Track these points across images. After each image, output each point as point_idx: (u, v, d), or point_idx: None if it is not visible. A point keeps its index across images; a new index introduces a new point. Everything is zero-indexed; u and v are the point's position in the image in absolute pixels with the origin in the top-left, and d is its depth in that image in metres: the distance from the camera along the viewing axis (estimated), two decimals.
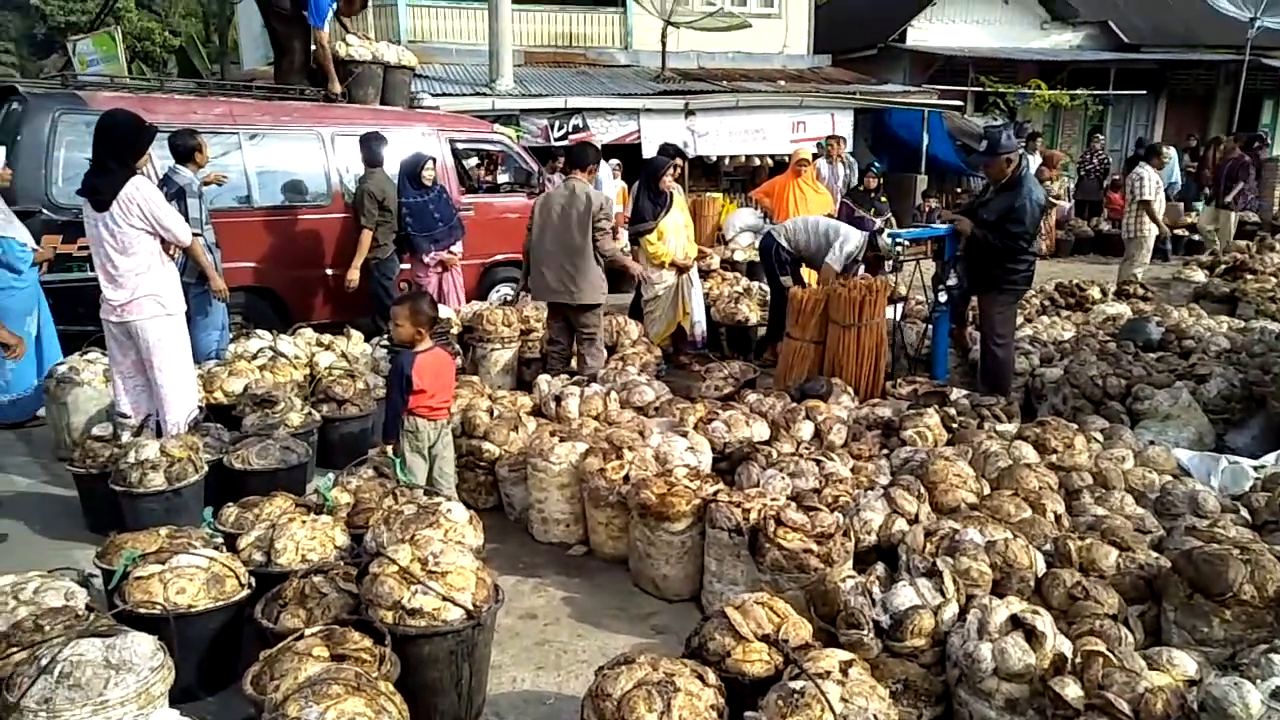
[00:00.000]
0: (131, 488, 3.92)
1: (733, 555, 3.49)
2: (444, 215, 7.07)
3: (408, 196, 6.89)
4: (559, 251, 5.61)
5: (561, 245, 5.60)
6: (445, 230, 7.08)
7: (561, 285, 5.65)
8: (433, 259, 7.09)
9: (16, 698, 2.19)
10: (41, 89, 6.54)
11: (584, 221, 5.50)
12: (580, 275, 5.58)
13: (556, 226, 5.62)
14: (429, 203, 6.96)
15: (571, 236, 5.55)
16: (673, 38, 14.69)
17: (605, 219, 5.57)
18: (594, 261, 5.58)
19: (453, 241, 7.18)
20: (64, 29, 31.76)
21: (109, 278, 4.42)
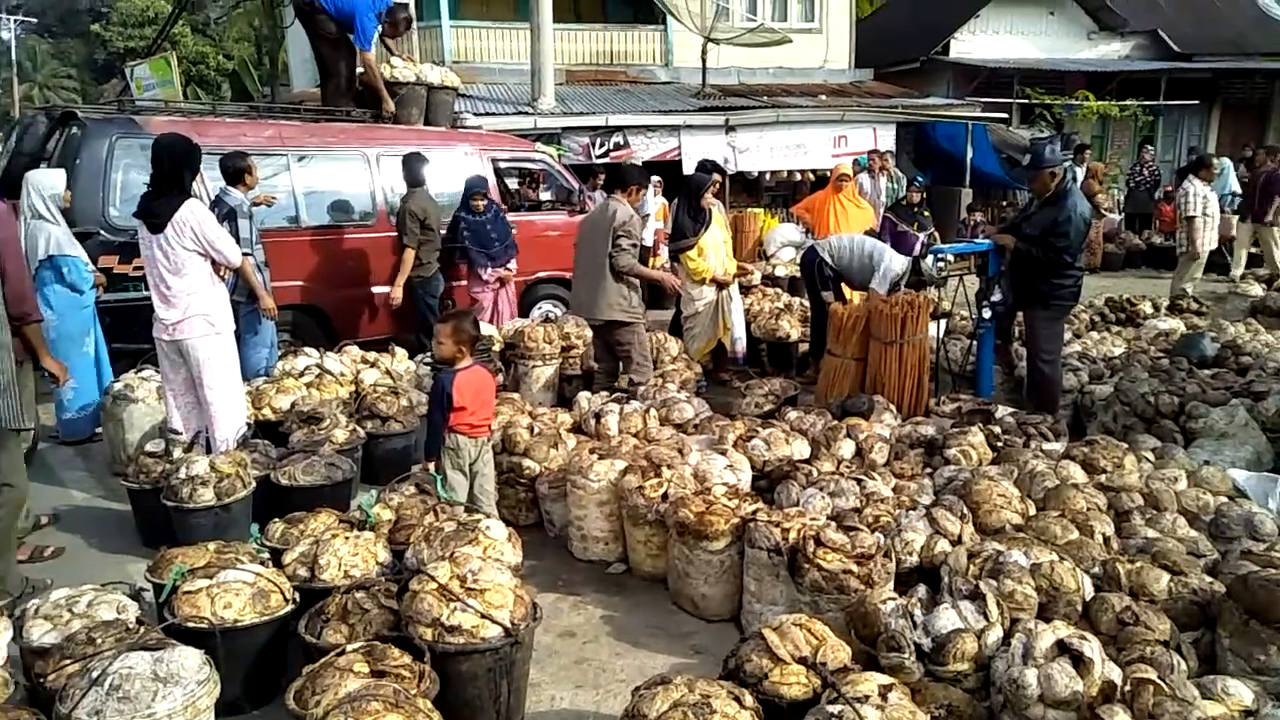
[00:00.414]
0: (182, 503, 4.02)
1: (772, 575, 3.47)
2: (500, 234, 7.26)
3: (465, 214, 7.07)
4: (588, 269, 5.68)
5: (590, 263, 5.67)
6: (502, 249, 7.26)
7: (588, 302, 5.71)
8: (491, 276, 7.27)
9: (69, 709, 2.25)
10: (100, 114, 6.76)
11: (605, 238, 5.52)
12: (601, 292, 5.58)
13: (587, 244, 5.71)
14: (486, 222, 7.15)
15: (596, 254, 5.60)
16: (713, 54, 14.75)
17: (624, 235, 5.51)
18: (615, 278, 5.55)
19: (509, 259, 7.36)
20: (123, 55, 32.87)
21: (162, 297, 4.55)
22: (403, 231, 6.80)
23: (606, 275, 5.53)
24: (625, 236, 5.51)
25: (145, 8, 37.89)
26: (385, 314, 7.39)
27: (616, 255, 5.49)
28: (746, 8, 16.57)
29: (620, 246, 5.50)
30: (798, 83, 16.42)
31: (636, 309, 5.73)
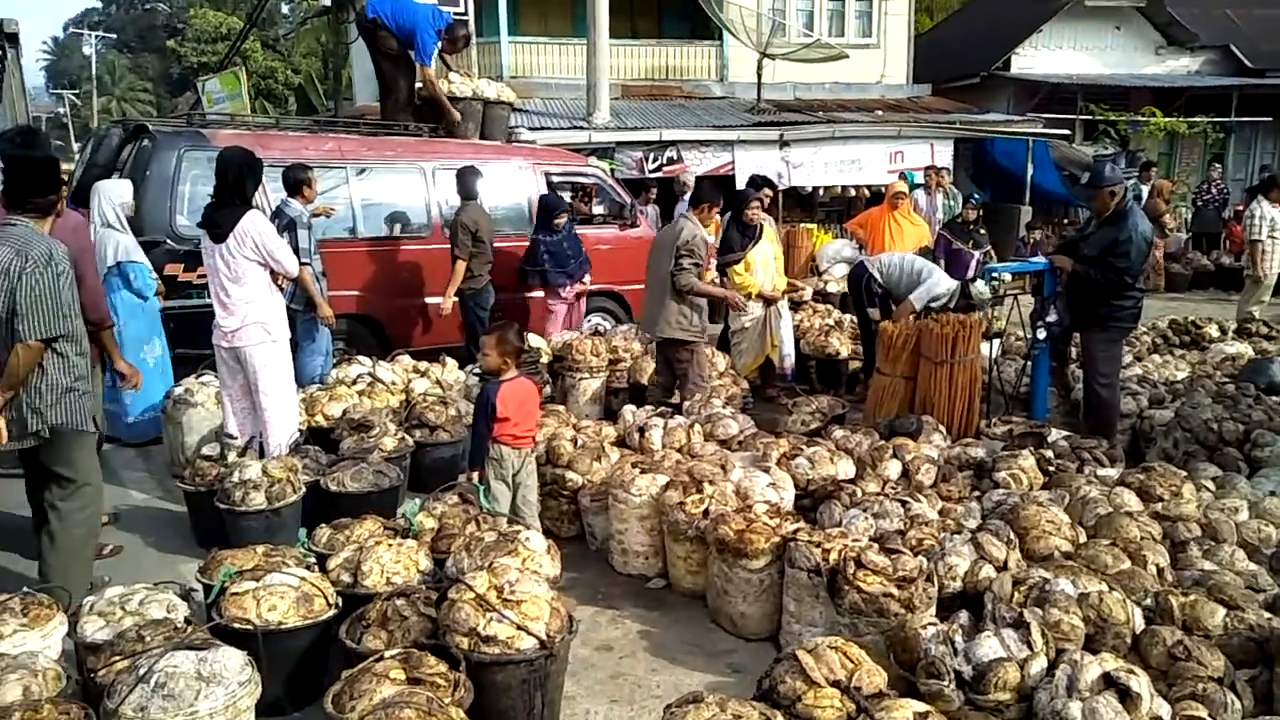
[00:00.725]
0: (235, 506, 4.12)
1: (811, 596, 3.43)
2: (574, 250, 7.40)
3: (543, 235, 7.21)
4: (653, 286, 5.75)
5: (655, 280, 5.73)
6: (577, 265, 7.39)
7: (651, 319, 5.76)
8: (570, 294, 7.42)
9: (116, 704, 2.32)
10: (169, 127, 7.00)
11: (670, 256, 5.55)
12: (663, 310, 5.61)
13: (654, 262, 5.79)
14: (562, 240, 7.28)
15: (661, 271, 5.63)
16: (769, 69, 14.73)
17: (687, 254, 5.51)
18: (676, 297, 5.56)
19: (584, 274, 7.49)
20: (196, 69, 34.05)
21: (222, 305, 4.69)
22: (454, 243, 6.92)
23: (669, 293, 5.56)
24: (688, 255, 5.50)
25: (218, 24, 39.28)
26: (438, 324, 7.51)
27: (677, 274, 5.51)
28: (803, 23, 16.53)
29: (681, 265, 5.50)
30: (854, 98, 16.31)
31: (697, 328, 5.71)
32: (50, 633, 2.80)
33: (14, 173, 3.50)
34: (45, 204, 3.51)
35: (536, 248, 7.27)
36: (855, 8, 17.12)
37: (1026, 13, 18.74)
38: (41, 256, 3.28)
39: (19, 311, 3.23)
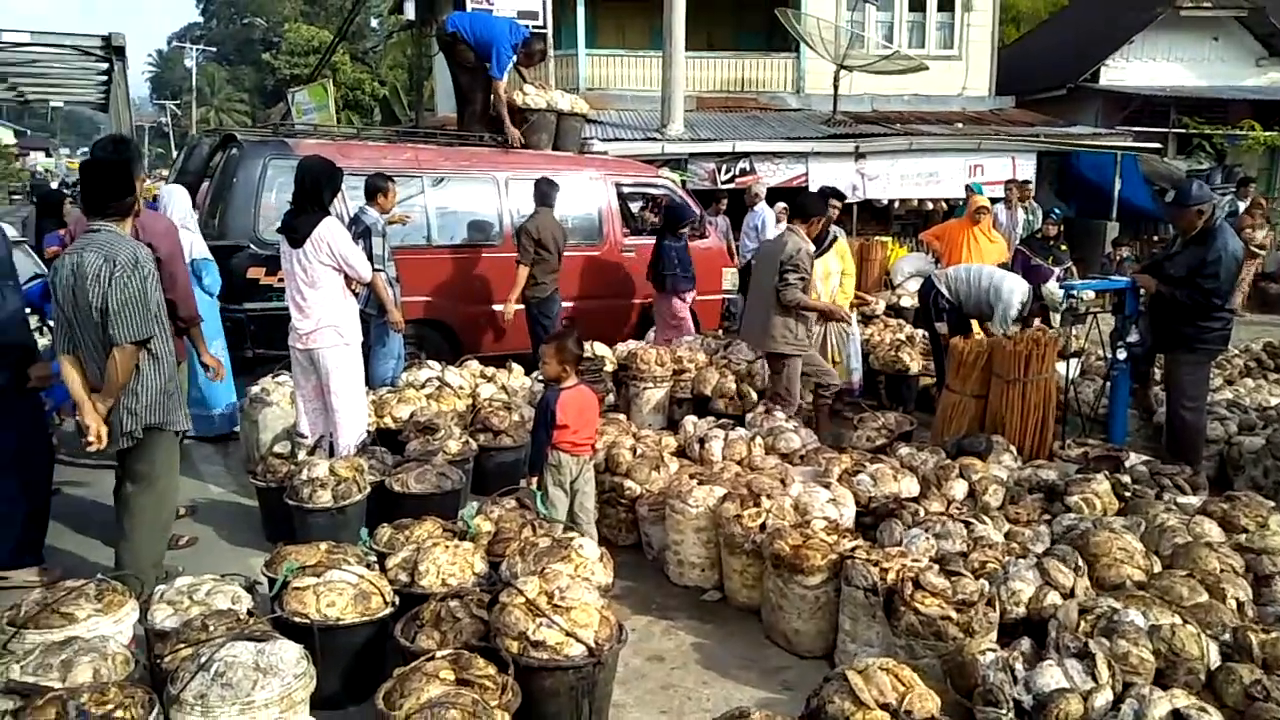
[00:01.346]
0: (302, 503, 4.25)
1: (868, 615, 3.36)
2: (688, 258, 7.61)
3: (670, 241, 7.46)
4: (758, 299, 5.80)
5: (760, 293, 5.77)
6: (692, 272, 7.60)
7: (755, 332, 5.81)
8: (690, 298, 7.55)
9: (178, 691, 2.41)
10: (256, 137, 7.28)
11: (775, 270, 5.54)
12: (767, 323, 5.62)
13: (759, 275, 5.85)
14: (685, 247, 7.50)
15: (765, 285, 5.66)
16: (845, 81, 14.57)
17: (792, 269, 5.50)
18: (781, 311, 5.55)
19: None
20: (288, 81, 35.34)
21: (298, 308, 4.85)
22: (518, 249, 7.01)
23: (774, 307, 5.56)
24: (793, 270, 5.49)
25: (310, 38, 40.72)
26: (506, 330, 7.62)
27: (783, 289, 5.50)
28: (882, 35, 16.31)
29: (787, 280, 5.49)
30: (933, 110, 16.01)
31: (801, 342, 5.70)
32: (122, 618, 2.93)
33: (88, 179, 3.64)
34: (122, 206, 3.61)
35: (667, 253, 7.42)
36: (937, 19, 16.82)
37: (1118, 23, 18.14)
38: (129, 260, 3.43)
39: (111, 316, 3.37)
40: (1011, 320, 6.07)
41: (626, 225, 8.50)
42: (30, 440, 4.06)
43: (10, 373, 3.88)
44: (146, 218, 4.19)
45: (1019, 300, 6.10)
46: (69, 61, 15.82)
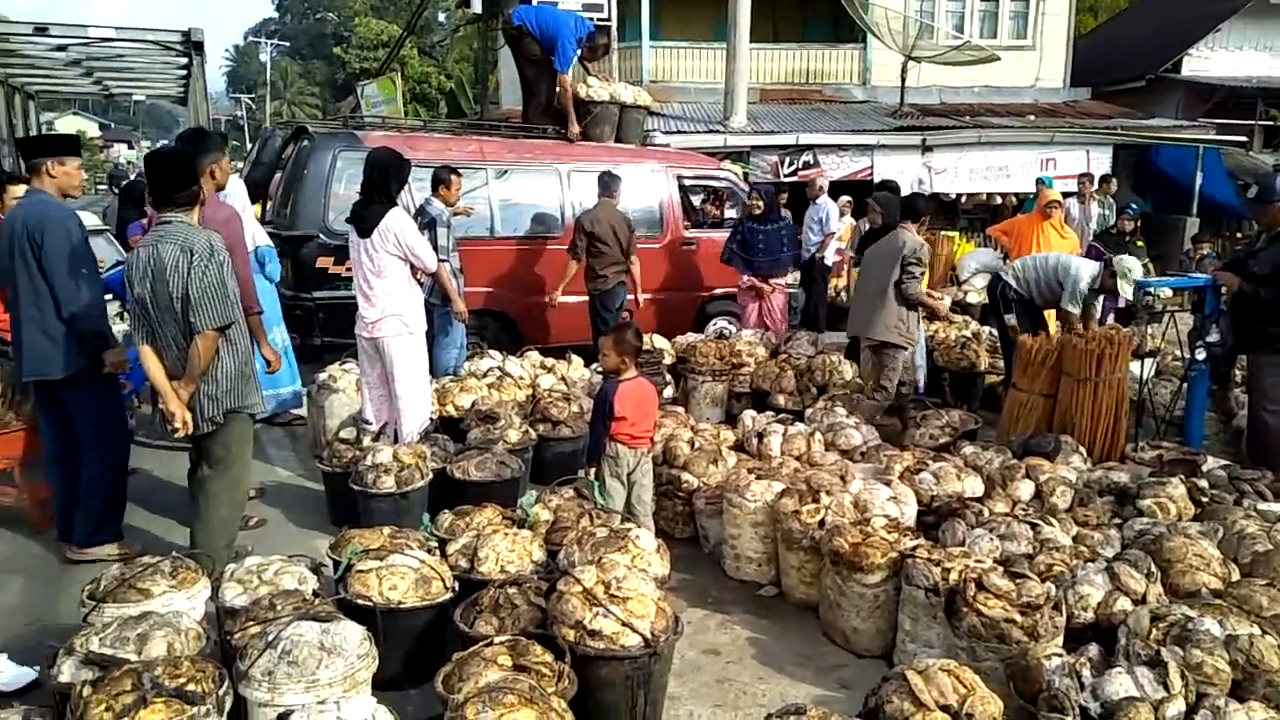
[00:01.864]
0: (366, 488, 4.33)
1: (928, 616, 3.30)
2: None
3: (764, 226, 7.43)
4: (870, 291, 5.81)
5: (873, 286, 5.79)
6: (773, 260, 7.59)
7: (866, 322, 5.82)
8: (777, 284, 7.55)
9: (246, 667, 2.48)
10: (326, 129, 7.44)
11: (893, 264, 5.60)
12: (882, 314, 5.67)
13: (871, 269, 5.88)
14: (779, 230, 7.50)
15: (881, 278, 5.70)
16: (914, 72, 14.31)
17: (915, 264, 5.61)
18: (898, 303, 5.64)
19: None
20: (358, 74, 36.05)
21: (364, 297, 4.95)
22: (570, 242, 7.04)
23: (890, 299, 5.64)
24: (916, 264, 5.61)
25: (379, 32, 41.49)
26: (566, 322, 7.68)
27: (907, 283, 5.59)
28: (953, 25, 15.96)
29: (911, 274, 5.60)
30: (1004, 102, 15.62)
31: (911, 334, 5.80)
32: (195, 595, 3.03)
33: (153, 170, 3.75)
34: (188, 196, 3.68)
35: (755, 237, 7.42)
36: (1010, 8, 16.40)
37: (1201, 12, 17.48)
38: (204, 249, 3.53)
39: (193, 304, 3.48)
40: (1083, 293, 5.89)
41: (687, 218, 8.48)
42: (109, 423, 4.21)
43: (90, 359, 4.03)
44: (209, 207, 4.30)
45: (1088, 274, 5.94)
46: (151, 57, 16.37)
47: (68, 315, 3.92)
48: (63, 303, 3.91)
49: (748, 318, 7.72)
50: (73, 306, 3.91)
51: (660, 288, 7.97)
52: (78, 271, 3.96)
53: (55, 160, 4.01)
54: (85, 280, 4.00)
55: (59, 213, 3.99)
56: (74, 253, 3.96)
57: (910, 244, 5.61)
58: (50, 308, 3.93)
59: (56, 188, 4.04)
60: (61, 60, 16.13)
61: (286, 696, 2.43)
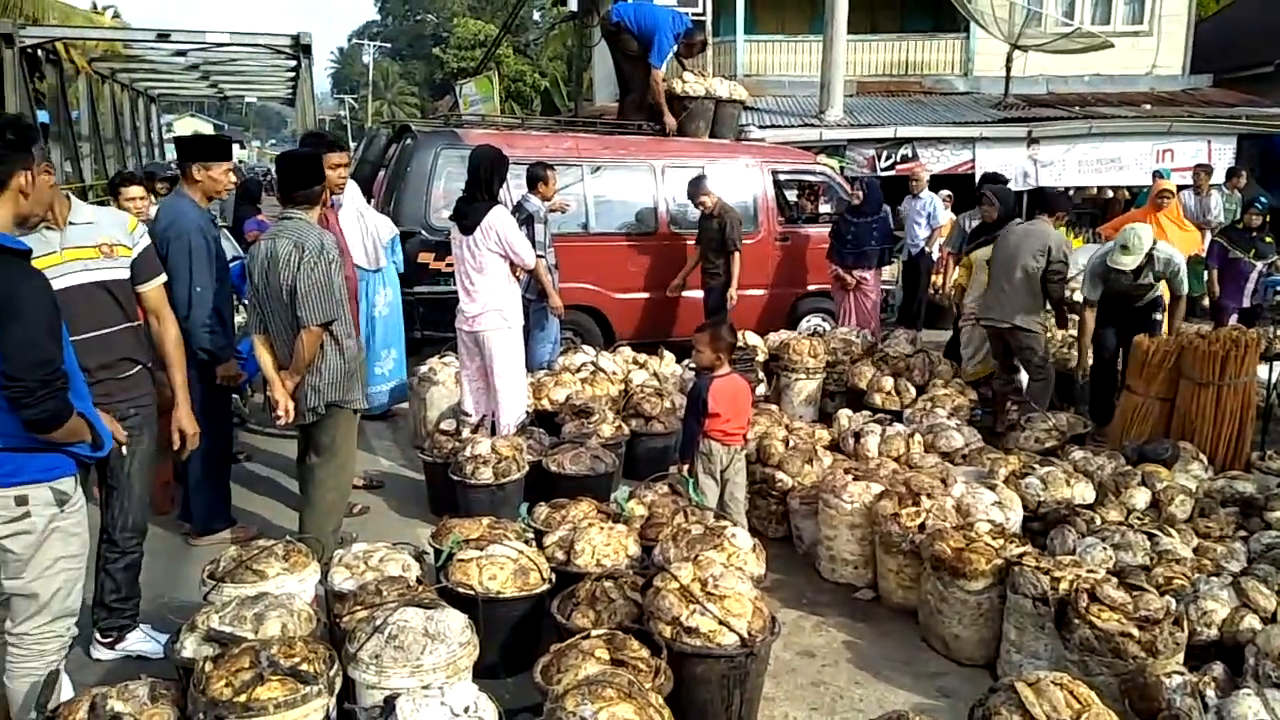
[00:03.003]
0: (465, 478, 4.43)
1: (1036, 626, 3.18)
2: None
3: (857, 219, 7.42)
4: (1010, 278, 5.80)
5: (1010, 271, 5.80)
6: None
7: (1003, 307, 5.85)
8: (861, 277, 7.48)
9: (355, 650, 2.57)
10: (429, 128, 7.62)
11: (1037, 255, 5.68)
12: (1019, 300, 5.77)
13: (1007, 255, 5.87)
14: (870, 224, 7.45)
15: (1021, 264, 5.73)
16: (1019, 62, 13.79)
17: (1063, 264, 5.74)
18: (1034, 292, 5.76)
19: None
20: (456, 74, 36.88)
21: (466, 292, 5.05)
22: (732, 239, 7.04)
23: (1031, 287, 5.74)
24: (1064, 265, 5.77)
25: (477, 32, 42.32)
26: (658, 318, 7.70)
27: (1055, 285, 5.77)
28: (1062, 11, 15.32)
29: (1060, 275, 5.75)
30: (1118, 91, 14.91)
31: (1043, 320, 5.98)
32: (306, 578, 3.14)
33: (281, 170, 3.90)
34: (308, 195, 3.81)
35: (846, 229, 7.38)
36: None
37: None
38: (315, 247, 3.66)
39: (299, 298, 3.61)
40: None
41: (782, 213, 8.38)
42: (217, 413, 4.39)
43: (194, 363, 4.17)
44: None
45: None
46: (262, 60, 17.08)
47: (185, 327, 3.93)
48: (177, 311, 4.00)
49: (842, 312, 7.59)
50: (187, 319, 3.92)
51: (754, 284, 7.90)
52: (194, 285, 4.01)
53: (200, 165, 4.07)
54: (199, 296, 4.03)
55: (187, 223, 4.03)
56: (194, 266, 4.01)
57: (1057, 243, 5.71)
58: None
59: (201, 191, 4.15)
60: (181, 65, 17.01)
61: (392, 680, 2.50)
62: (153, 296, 3.30)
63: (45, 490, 2.40)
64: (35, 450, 2.36)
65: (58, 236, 2.95)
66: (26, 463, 2.36)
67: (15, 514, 2.37)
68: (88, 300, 2.99)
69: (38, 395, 2.21)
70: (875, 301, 7.65)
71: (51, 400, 2.24)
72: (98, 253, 3.05)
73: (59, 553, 2.47)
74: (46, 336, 2.24)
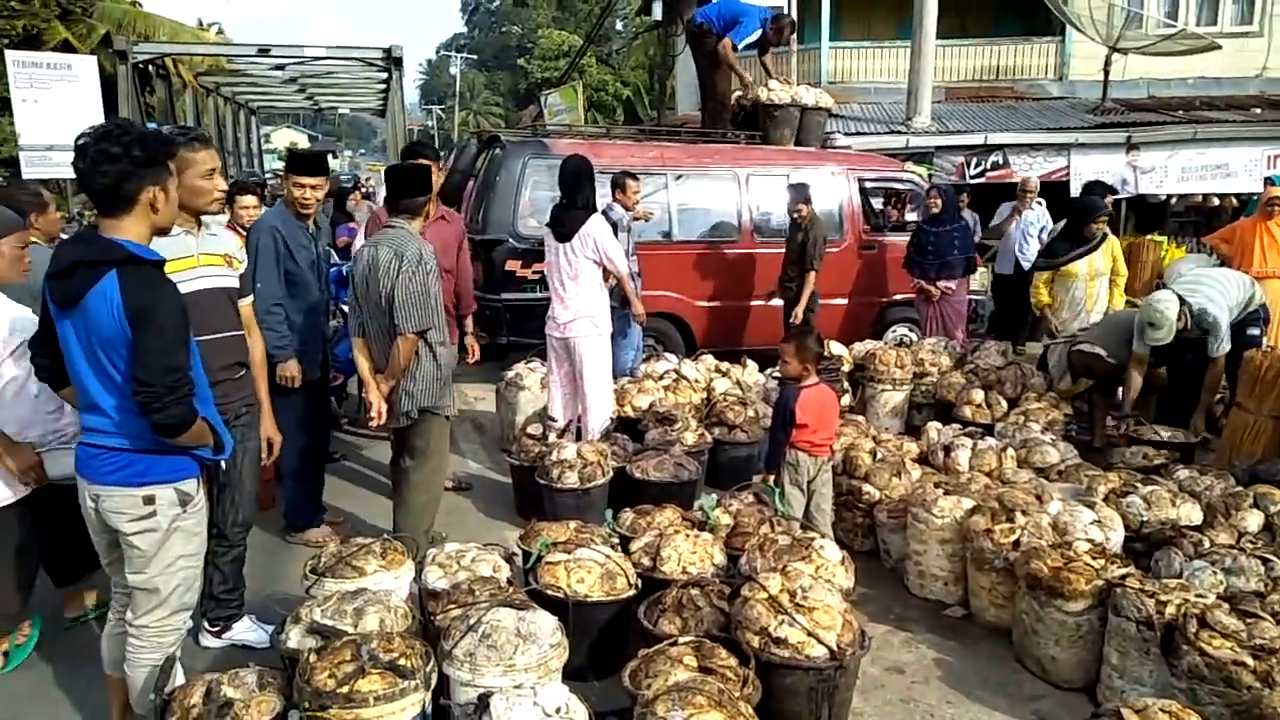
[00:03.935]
0: (551, 482, 4.49)
1: (1139, 651, 3.06)
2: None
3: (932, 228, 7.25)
4: None
5: None
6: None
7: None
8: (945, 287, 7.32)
9: (450, 647, 2.63)
10: (517, 137, 7.77)
11: None
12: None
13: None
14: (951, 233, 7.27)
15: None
16: (1118, 65, 13.30)
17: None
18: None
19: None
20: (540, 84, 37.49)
21: (558, 298, 5.13)
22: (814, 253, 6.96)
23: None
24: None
25: (561, 43, 42.96)
26: (741, 327, 7.67)
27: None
28: (1165, 12, 14.74)
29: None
30: (1225, 94, 14.25)
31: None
32: (401, 575, 3.23)
33: (390, 181, 4.03)
34: (413, 205, 3.92)
35: (926, 238, 7.24)
36: None
37: None
38: (414, 257, 3.76)
39: (397, 306, 3.72)
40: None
41: (868, 221, 8.27)
42: (315, 413, 4.55)
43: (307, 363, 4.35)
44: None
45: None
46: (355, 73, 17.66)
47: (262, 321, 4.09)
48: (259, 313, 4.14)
49: (927, 323, 7.45)
50: (266, 319, 4.01)
51: (839, 293, 7.82)
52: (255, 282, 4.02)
53: (293, 179, 4.25)
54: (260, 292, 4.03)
55: (261, 223, 4.28)
56: (275, 273, 4.17)
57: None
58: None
59: (286, 201, 4.37)
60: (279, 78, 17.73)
61: (486, 678, 2.55)
62: (247, 311, 3.46)
63: (170, 491, 2.52)
64: (163, 453, 2.48)
65: (195, 242, 3.13)
66: (154, 464, 2.49)
67: (143, 512, 2.49)
68: (214, 304, 3.15)
69: (166, 401, 2.31)
70: (962, 312, 7.47)
71: (179, 406, 2.35)
72: (224, 261, 3.24)
73: (180, 551, 2.59)
74: (177, 344, 2.35)
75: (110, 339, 2.33)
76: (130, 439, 2.44)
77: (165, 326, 2.32)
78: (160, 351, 2.31)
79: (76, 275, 2.33)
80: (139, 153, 2.35)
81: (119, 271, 2.31)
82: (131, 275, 2.32)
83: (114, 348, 2.34)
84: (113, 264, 2.32)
